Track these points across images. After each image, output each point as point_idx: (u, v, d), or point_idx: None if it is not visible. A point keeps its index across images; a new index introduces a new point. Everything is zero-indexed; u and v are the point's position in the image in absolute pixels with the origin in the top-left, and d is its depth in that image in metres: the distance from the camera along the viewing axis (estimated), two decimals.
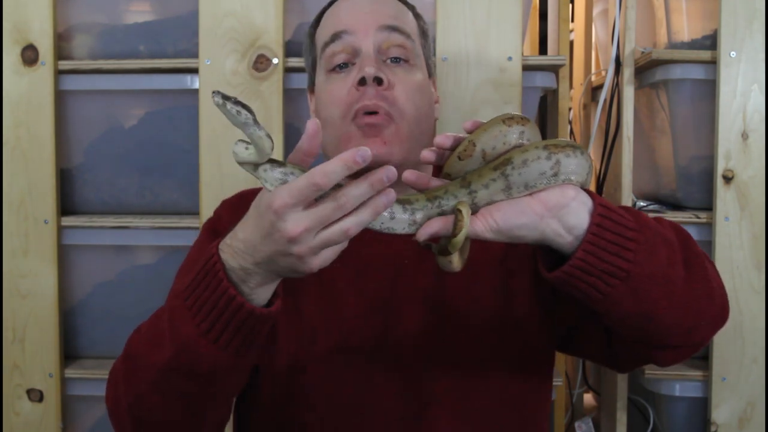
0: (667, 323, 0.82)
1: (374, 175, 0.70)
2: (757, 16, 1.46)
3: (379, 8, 1.01)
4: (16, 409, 1.54)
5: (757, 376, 1.49)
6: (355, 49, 0.99)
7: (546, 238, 0.77)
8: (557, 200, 0.75)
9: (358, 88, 0.96)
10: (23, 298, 1.52)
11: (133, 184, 1.57)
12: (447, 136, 0.78)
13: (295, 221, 0.70)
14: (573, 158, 0.75)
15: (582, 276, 0.77)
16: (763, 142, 1.47)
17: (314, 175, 0.69)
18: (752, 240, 1.48)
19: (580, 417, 1.81)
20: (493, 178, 0.75)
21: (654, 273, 0.78)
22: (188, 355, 0.79)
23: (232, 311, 0.76)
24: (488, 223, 0.76)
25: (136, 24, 1.54)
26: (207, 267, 0.78)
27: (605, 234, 0.76)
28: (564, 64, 1.53)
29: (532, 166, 0.74)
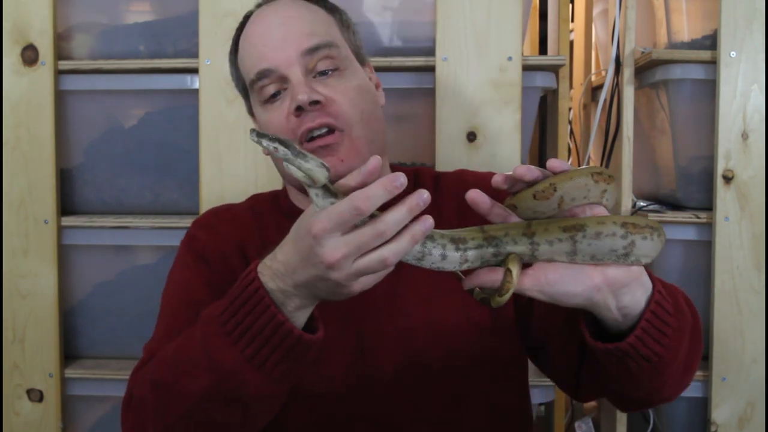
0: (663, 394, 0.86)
1: (411, 200, 0.68)
2: (757, 16, 1.46)
3: (294, 29, 0.98)
4: (16, 409, 1.54)
5: (757, 376, 1.49)
6: (283, 78, 0.97)
7: (594, 309, 0.76)
8: (621, 277, 0.74)
9: (297, 114, 0.95)
10: (23, 298, 1.52)
11: (133, 184, 1.57)
12: (530, 169, 0.73)
13: (333, 248, 0.69)
14: (649, 241, 0.72)
15: (623, 357, 0.78)
16: (763, 142, 1.47)
17: (356, 200, 0.67)
18: (752, 240, 1.48)
19: (580, 417, 1.81)
20: (560, 238, 0.72)
21: (677, 358, 0.80)
22: (231, 381, 0.77)
23: (281, 337, 0.75)
24: (539, 282, 0.74)
25: (136, 24, 1.54)
26: (249, 291, 0.76)
27: (656, 322, 0.76)
28: (564, 64, 1.53)
29: (604, 240, 0.71)
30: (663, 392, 0.85)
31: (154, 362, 0.86)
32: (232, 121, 1.46)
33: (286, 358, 0.76)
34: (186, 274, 1.00)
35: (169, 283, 1.03)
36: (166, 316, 0.98)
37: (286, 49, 0.97)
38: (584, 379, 0.95)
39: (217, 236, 1.03)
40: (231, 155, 1.47)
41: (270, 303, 0.74)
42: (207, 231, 1.04)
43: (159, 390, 0.83)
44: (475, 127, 1.44)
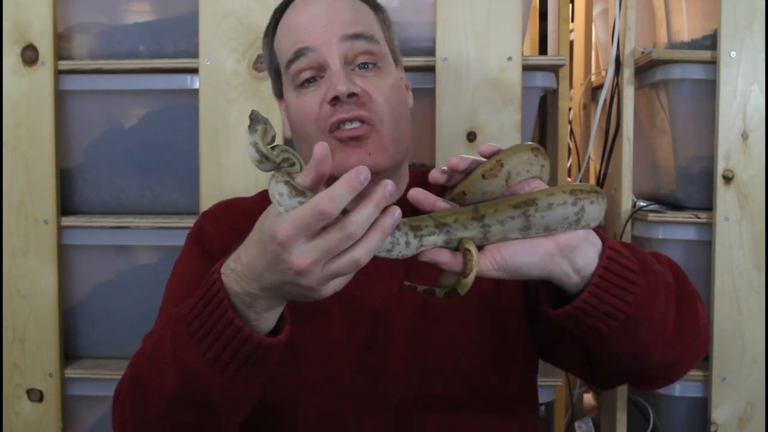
0: (654, 361, 0.84)
1: (376, 193, 0.66)
2: (757, 16, 1.46)
3: (338, 16, 0.98)
4: (16, 409, 1.54)
5: (757, 376, 1.49)
6: (321, 64, 0.97)
7: (553, 277, 0.76)
8: (569, 241, 0.75)
9: (331, 104, 0.95)
10: (23, 298, 1.52)
11: (133, 184, 1.57)
12: (463, 158, 0.75)
13: (301, 254, 0.66)
14: (596, 204, 0.74)
15: (584, 317, 0.77)
16: (763, 142, 1.47)
17: (320, 203, 0.64)
18: (752, 240, 1.48)
19: (580, 417, 1.81)
20: (512, 216, 0.73)
21: (651, 316, 0.79)
22: (194, 384, 0.77)
23: (240, 342, 0.73)
24: (496, 261, 0.74)
25: (136, 24, 1.54)
26: (210, 294, 0.75)
27: (611, 277, 0.76)
28: (564, 64, 1.53)
29: (556, 210, 0.73)
30: (653, 357, 0.83)
31: (135, 356, 0.86)
32: (232, 121, 1.46)
33: (247, 362, 0.75)
34: (191, 267, 1.00)
35: (173, 274, 1.03)
36: (168, 308, 0.97)
37: (328, 32, 0.97)
38: (595, 368, 0.95)
39: (225, 229, 1.02)
40: (231, 155, 1.47)
41: (228, 307, 0.73)
42: (215, 224, 1.04)
43: (136, 386, 0.83)
44: (475, 127, 1.44)
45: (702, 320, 0.87)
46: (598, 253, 0.77)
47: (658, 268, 0.82)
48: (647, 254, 0.84)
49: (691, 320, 0.85)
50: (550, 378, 1.52)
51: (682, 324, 0.83)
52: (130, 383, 0.84)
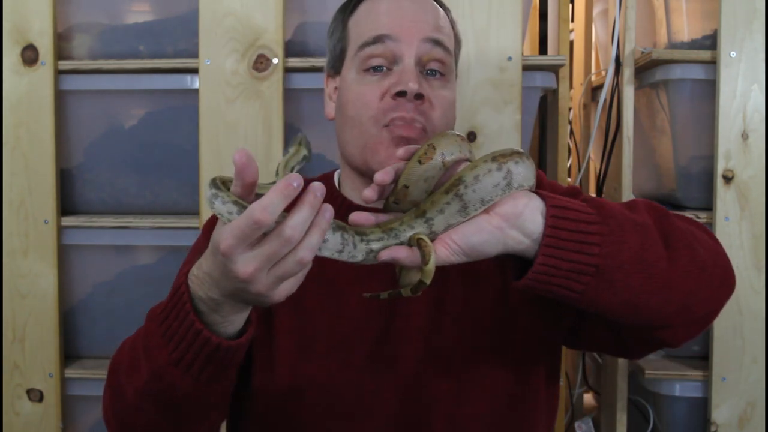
0: (656, 306, 0.80)
1: (307, 196, 0.68)
2: (757, 16, 1.46)
3: (424, 17, 0.99)
4: (16, 409, 1.54)
5: (757, 376, 1.49)
6: (396, 56, 0.97)
7: (510, 249, 0.76)
8: (511, 210, 0.75)
9: (394, 98, 0.95)
10: (23, 298, 1.52)
11: (133, 184, 1.57)
12: (386, 171, 0.76)
13: (244, 263, 0.68)
14: (521, 165, 0.75)
15: (550, 279, 0.76)
16: (763, 142, 1.47)
17: (254, 213, 0.66)
18: (752, 240, 1.48)
19: (580, 417, 1.81)
20: (447, 201, 0.74)
21: (626, 261, 0.77)
22: (162, 382, 0.80)
23: (200, 344, 0.77)
24: (450, 248, 0.75)
25: (136, 24, 1.54)
26: (176, 297, 0.78)
27: (562, 234, 0.75)
28: (564, 64, 1.53)
29: (484, 180, 0.74)
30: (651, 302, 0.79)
31: (122, 344, 0.89)
32: (232, 121, 1.46)
33: (209, 363, 0.78)
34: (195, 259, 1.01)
35: (184, 263, 1.03)
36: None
37: (413, 29, 0.97)
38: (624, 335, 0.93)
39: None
40: (231, 155, 1.46)
41: (190, 310, 0.76)
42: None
43: (115, 375, 0.87)
44: (475, 127, 1.44)
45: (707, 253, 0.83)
46: (542, 214, 0.76)
47: (623, 212, 0.80)
48: (615, 204, 0.83)
49: (686, 256, 0.81)
50: None
51: (676, 262, 0.80)
52: (111, 372, 0.88)
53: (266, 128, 1.46)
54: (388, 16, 0.99)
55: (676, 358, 1.61)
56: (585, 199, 0.82)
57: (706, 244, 0.85)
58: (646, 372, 1.54)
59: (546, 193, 0.78)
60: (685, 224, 0.86)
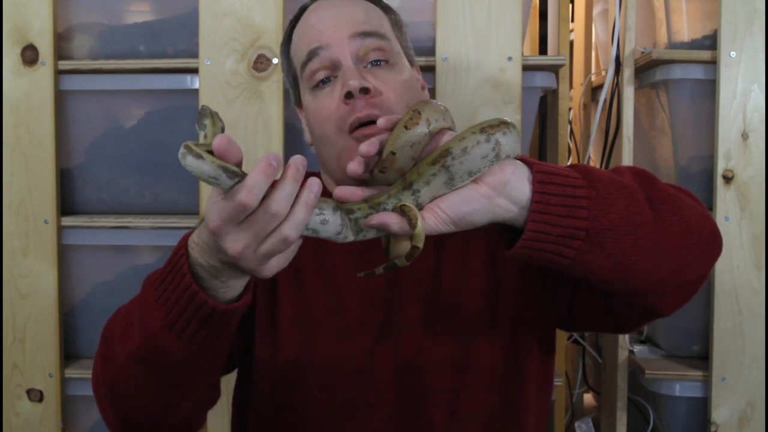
0: (646, 268, 0.80)
1: (290, 169, 0.69)
2: (757, 16, 1.46)
3: (348, 15, 1.00)
4: (16, 409, 1.54)
5: (757, 376, 1.49)
6: (334, 62, 0.98)
7: (499, 218, 0.76)
8: (499, 178, 0.75)
9: (346, 102, 0.95)
10: (23, 298, 1.52)
11: (133, 184, 1.57)
12: (370, 143, 0.76)
13: (232, 240, 0.70)
14: (509, 135, 0.75)
15: (541, 246, 0.76)
16: (763, 142, 1.47)
17: (238, 194, 0.67)
18: (752, 240, 1.48)
19: (580, 417, 1.81)
20: (434, 172, 0.74)
21: (614, 223, 0.77)
22: (154, 346, 0.81)
23: (195, 307, 0.77)
24: (439, 216, 0.75)
25: (136, 24, 1.54)
26: (174, 261, 0.79)
27: (550, 199, 0.75)
28: (564, 64, 1.53)
29: (473, 152, 0.74)
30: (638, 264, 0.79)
31: (111, 316, 0.91)
32: (232, 121, 1.46)
33: (203, 326, 0.78)
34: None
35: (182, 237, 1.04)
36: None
37: (338, 31, 0.98)
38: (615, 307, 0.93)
39: None
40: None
41: (186, 273, 0.77)
42: None
43: (106, 342, 0.88)
44: None
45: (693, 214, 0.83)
46: (529, 181, 0.76)
47: (609, 177, 0.80)
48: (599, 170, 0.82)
49: (671, 218, 0.81)
50: None
51: (661, 223, 0.80)
52: (102, 340, 0.89)
53: (266, 128, 1.46)
54: (314, 29, 1.00)
55: (676, 358, 1.61)
56: (570, 165, 0.82)
57: (691, 206, 0.84)
58: (646, 372, 1.54)
59: (530, 159, 0.78)
60: (669, 187, 0.85)
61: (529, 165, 0.77)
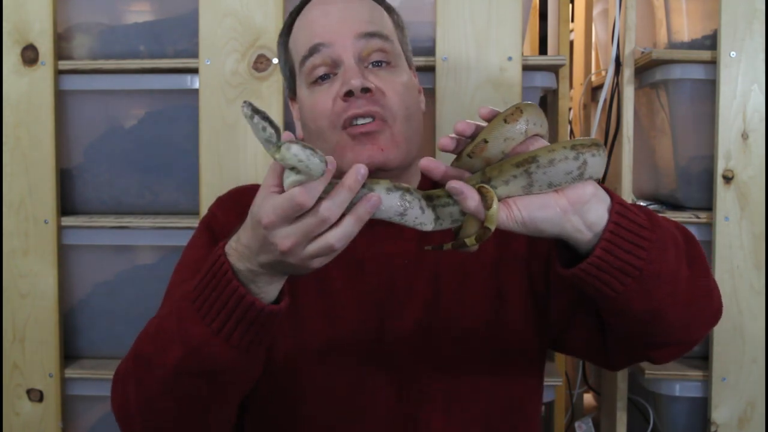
0: (671, 320, 0.83)
1: (348, 178, 0.71)
2: (757, 16, 1.46)
3: (353, 14, 1.00)
4: (16, 409, 1.54)
5: (757, 376, 1.49)
6: (335, 60, 0.98)
7: (565, 234, 0.77)
8: (579, 196, 0.75)
9: (344, 99, 0.95)
10: (23, 298, 1.52)
11: (133, 184, 1.57)
12: (468, 123, 0.78)
13: (283, 237, 0.73)
14: (597, 157, 0.75)
15: (599, 274, 0.78)
16: (763, 142, 1.47)
17: (296, 195, 0.70)
18: (752, 240, 1.48)
19: (580, 417, 1.81)
20: (515, 174, 0.75)
21: (663, 271, 0.79)
22: (200, 354, 0.81)
23: (243, 309, 0.78)
24: (513, 213, 0.75)
25: (136, 24, 1.54)
26: (214, 269, 0.79)
27: (622, 232, 0.77)
28: (564, 64, 1.53)
29: (558, 165, 0.74)
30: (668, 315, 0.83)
31: (139, 336, 0.90)
32: (232, 121, 1.46)
33: (250, 329, 0.80)
34: (197, 254, 1.02)
35: (181, 260, 1.04)
36: (173, 292, 0.99)
37: (343, 30, 0.98)
38: (609, 342, 0.94)
39: (234, 216, 1.04)
40: (231, 155, 1.47)
41: (232, 278, 0.78)
42: (225, 210, 1.06)
43: (139, 362, 0.87)
44: None
45: (713, 282, 0.88)
46: (607, 209, 0.77)
47: (667, 224, 0.83)
48: (655, 213, 0.85)
49: (703, 278, 0.85)
50: (550, 378, 1.52)
51: (695, 282, 0.83)
52: (133, 360, 0.88)
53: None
54: (318, 24, 1.00)
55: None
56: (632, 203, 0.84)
57: (712, 276, 0.89)
58: (646, 372, 1.54)
59: (610, 189, 0.80)
60: (702, 251, 0.88)
61: (609, 194, 0.78)
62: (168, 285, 1.01)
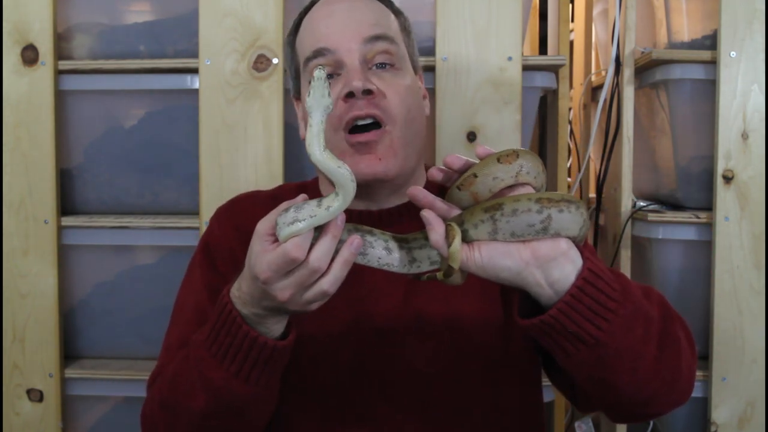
0: (626, 394, 0.83)
1: (330, 227, 0.75)
2: (757, 16, 1.46)
3: (360, 17, 0.99)
4: (16, 409, 1.54)
5: (757, 376, 1.49)
6: (339, 62, 0.98)
7: (526, 285, 0.76)
8: (547, 251, 0.74)
9: (345, 101, 0.95)
10: (23, 298, 1.52)
11: (133, 184, 1.57)
12: (457, 158, 0.79)
13: (281, 289, 0.77)
14: (566, 213, 0.74)
15: (551, 334, 0.77)
16: (763, 142, 1.47)
17: (289, 251, 0.74)
18: (752, 240, 1.47)
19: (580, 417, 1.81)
20: (482, 219, 0.75)
21: (623, 347, 0.78)
22: (223, 397, 0.86)
23: (258, 350, 0.83)
24: (473, 256, 0.75)
25: (136, 24, 1.54)
26: (223, 317, 0.84)
27: (584, 299, 0.75)
28: (564, 64, 1.53)
29: (521, 216, 0.73)
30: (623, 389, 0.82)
31: (159, 382, 0.95)
32: (232, 121, 1.46)
33: (266, 367, 0.84)
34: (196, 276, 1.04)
35: (183, 283, 1.06)
36: (179, 323, 1.02)
37: (348, 34, 0.98)
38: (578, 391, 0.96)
39: (229, 229, 1.05)
40: (231, 155, 1.47)
41: (242, 323, 0.82)
42: (221, 224, 1.07)
43: (166, 410, 0.92)
44: (475, 126, 1.44)
45: (686, 365, 0.86)
46: (576, 271, 0.76)
47: (641, 300, 0.81)
48: (636, 285, 0.83)
49: (672, 361, 0.83)
50: None
51: (662, 363, 0.82)
52: (160, 409, 0.93)
53: (266, 128, 1.46)
54: (323, 26, 1.00)
55: None
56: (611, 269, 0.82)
57: (686, 357, 0.87)
58: None
59: (588, 255, 0.78)
60: (680, 332, 0.87)
61: (584, 258, 0.77)
62: (174, 309, 1.05)
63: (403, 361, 0.98)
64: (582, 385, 0.86)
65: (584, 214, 0.76)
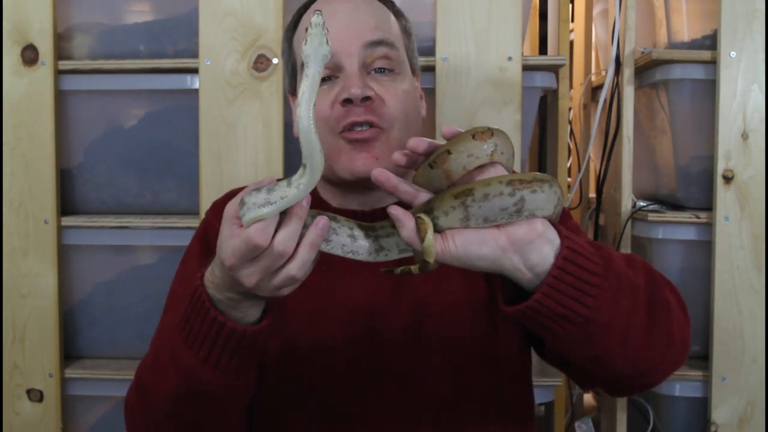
0: (619, 368, 0.82)
1: (296, 209, 0.72)
2: (757, 16, 1.46)
3: (361, 20, 0.99)
4: (16, 409, 1.54)
5: (757, 376, 1.49)
6: (338, 65, 0.97)
7: (505, 272, 0.74)
8: (523, 235, 0.72)
9: (343, 105, 0.95)
10: (23, 298, 1.52)
11: (133, 184, 1.57)
12: (421, 140, 0.77)
13: (248, 275, 0.75)
14: (540, 193, 0.72)
15: (537, 317, 0.75)
16: (763, 142, 1.47)
17: (252, 237, 0.72)
18: (752, 240, 1.48)
19: (580, 417, 1.81)
20: (453, 206, 0.72)
21: (612, 321, 0.77)
22: (193, 382, 0.84)
23: (226, 335, 0.80)
24: (447, 246, 0.73)
25: (136, 24, 1.54)
26: (194, 300, 0.82)
27: (567, 278, 0.74)
28: (564, 64, 1.53)
29: (493, 201, 0.71)
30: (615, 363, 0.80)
31: (140, 363, 0.94)
32: (232, 121, 1.46)
33: (236, 353, 0.82)
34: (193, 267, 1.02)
35: (177, 272, 1.05)
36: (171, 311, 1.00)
37: (349, 38, 0.97)
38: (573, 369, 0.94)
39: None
40: (231, 155, 1.47)
41: (210, 307, 0.80)
42: (216, 213, 1.05)
43: (140, 393, 0.91)
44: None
45: (677, 329, 0.84)
46: (554, 251, 0.74)
47: (625, 270, 0.79)
48: (618, 255, 0.82)
49: (661, 328, 0.82)
50: (550, 378, 1.52)
51: (651, 332, 0.80)
52: (135, 391, 0.93)
53: (266, 128, 1.46)
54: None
55: None
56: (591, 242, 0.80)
57: (678, 318, 0.85)
58: None
59: (564, 231, 0.76)
60: (670, 296, 0.86)
61: (561, 236, 0.75)
62: (167, 298, 1.03)
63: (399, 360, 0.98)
64: (576, 363, 0.85)
65: (558, 191, 0.74)
